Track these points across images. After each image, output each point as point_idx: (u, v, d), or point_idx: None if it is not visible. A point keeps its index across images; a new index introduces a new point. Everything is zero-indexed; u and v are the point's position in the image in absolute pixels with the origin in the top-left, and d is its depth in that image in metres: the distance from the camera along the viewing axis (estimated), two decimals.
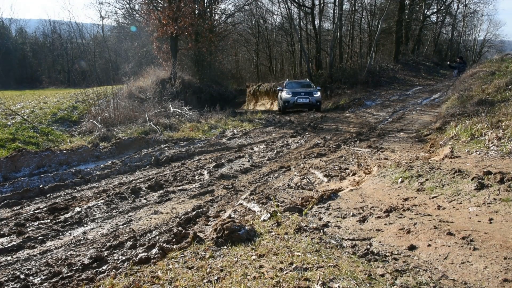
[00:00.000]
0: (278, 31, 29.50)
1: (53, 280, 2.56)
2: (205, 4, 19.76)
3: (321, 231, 2.95)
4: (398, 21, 23.88)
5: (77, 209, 4.06)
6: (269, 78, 25.98)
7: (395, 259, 2.40)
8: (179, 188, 4.82)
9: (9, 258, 2.97)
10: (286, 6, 22.63)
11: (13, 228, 3.57)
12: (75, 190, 4.90)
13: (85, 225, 3.66)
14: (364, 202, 3.72)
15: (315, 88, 14.99)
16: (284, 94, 14.21)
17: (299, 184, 4.75)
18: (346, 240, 2.79)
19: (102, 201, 4.29)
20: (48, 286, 2.50)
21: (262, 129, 10.00)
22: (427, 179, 4.05)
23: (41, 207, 4.20)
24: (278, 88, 15.71)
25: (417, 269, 2.24)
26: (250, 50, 30.74)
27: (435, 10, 28.29)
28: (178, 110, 11.13)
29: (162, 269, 2.43)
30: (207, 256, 2.54)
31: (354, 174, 5.09)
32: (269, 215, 3.32)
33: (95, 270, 2.66)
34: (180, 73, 15.13)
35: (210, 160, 6.34)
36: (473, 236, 2.59)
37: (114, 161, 6.29)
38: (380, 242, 2.72)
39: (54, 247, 3.14)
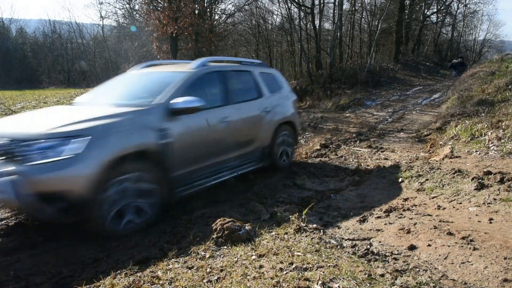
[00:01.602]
0: (278, 31, 29.48)
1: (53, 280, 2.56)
2: (205, 4, 19.75)
3: (321, 231, 2.95)
4: (398, 21, 23.88)
5: None
6: None
7: (395, 259, 2.40)
8: None
9: (9, 258, 2.96)
10: (286, 6, 22.60)
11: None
12: None
13: None
14: (364, 202, 3.72)
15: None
16: None
17: (299, 184, 4.74)
18: (346, 240, 2.79)
19: None
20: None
21: None
22: (427, 179, 4.05)
23: None
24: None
25: (417, 269, 2.24)
26: (250, 50, 30.71)
27: (435, 10, 28.30)
28: None
29: (162, 269, 2.43)
30: (207, 256, 2.54)
31: (354, 174, 5.09)
32: (269, 215, 3.32)
33: (95, 270, 2.66)
34: None
35: None
36: (473, 236, 2.59)
37: None
38: (380, 242, 2.72)
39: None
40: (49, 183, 2.78)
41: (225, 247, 2.67)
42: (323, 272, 2.10)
